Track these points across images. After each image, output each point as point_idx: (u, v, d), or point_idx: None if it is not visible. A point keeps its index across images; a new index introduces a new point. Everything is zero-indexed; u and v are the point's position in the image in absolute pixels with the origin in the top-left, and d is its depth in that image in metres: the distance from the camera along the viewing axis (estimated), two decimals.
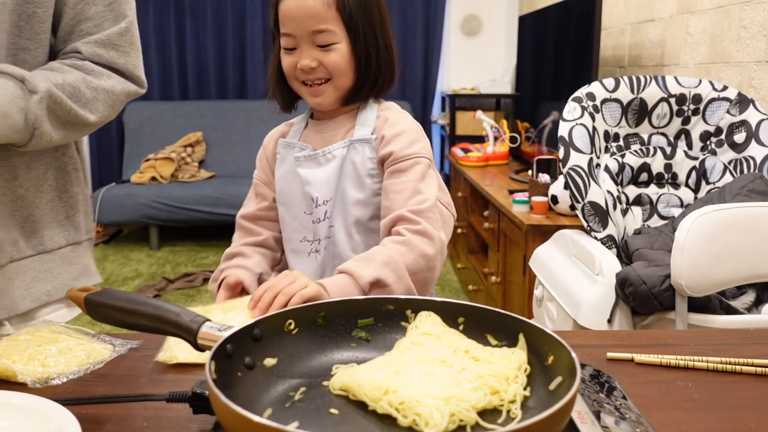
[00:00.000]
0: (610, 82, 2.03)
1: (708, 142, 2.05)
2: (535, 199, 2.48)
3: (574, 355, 0.63)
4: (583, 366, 0.83)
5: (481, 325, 0.76)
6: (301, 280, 0.96)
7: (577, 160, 1.91)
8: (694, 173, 2.04)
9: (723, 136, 2.01)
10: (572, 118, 1.95)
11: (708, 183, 2.01)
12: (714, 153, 2.03)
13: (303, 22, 1.10)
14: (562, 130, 1.95)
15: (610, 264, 1.77)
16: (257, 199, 1.29)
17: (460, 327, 0.77)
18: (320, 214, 1.18)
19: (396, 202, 1.12)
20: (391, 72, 1.20)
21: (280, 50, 1.17)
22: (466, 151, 3.98)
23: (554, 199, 2.37)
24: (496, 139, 3.92)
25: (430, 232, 1.08)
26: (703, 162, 2.03)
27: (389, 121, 1.18)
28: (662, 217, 2.03)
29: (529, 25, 3.89)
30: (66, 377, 0.82)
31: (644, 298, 1.60)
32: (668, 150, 2.06)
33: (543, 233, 2.34)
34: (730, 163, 1.97)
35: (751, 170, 1.89)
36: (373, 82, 1.18)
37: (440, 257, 1.10)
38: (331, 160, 1.17)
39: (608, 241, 1.88)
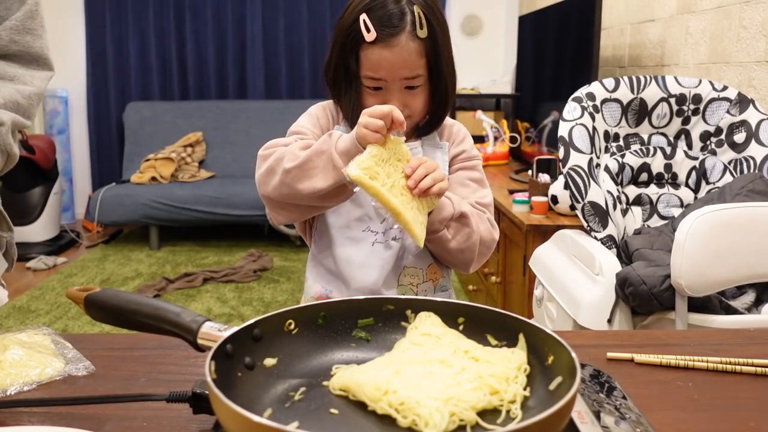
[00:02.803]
0: (610, 82, 2.03)
1: (708, 142, 2.04)
2: (535, 199, 2.48)
3: (574, 355, 0.63)
4: (583, 366, 0.83)
5: (481, 325, 0.76)
6: (440, 169, 1.08)
7: (577, 160, 1.91)
8: (694, 173, 2.04)
9: (723, 136, 2.01)
10: (572, 118, 1.95)
11: (708, 183, 2.01)
12: (714, 153, 2.02)
13: (396, 71, 1.13)
14: (562, 130, 1.95)
15: (610, 264, 1.77)
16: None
17: (460, 327, 0.77)
18: None
19: (461, 194, 1.21)
20: (453, 97, 1.25)
21: (360, 86, 1.17)
22: None
23: (554, 199, 2.37)
24: (496, 139, 3.91)
25: (494, 223, 1.21)
26: (703, 162, 2.03)
27: (454, 126, 1.28)
28: (662, 217, 2.03)
29: (529, 25, 3.89)
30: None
31: (644, 298, 1.60)
32: (668, 150, 2.06)
33: (543, 233, 2.34)
34: (730, 163, 1.97)
35: (751, 170, 1.89)
36: (442, 111, 1.24)
37: (492, 250, 1.21)
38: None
39: (608, 241, 1.88)
